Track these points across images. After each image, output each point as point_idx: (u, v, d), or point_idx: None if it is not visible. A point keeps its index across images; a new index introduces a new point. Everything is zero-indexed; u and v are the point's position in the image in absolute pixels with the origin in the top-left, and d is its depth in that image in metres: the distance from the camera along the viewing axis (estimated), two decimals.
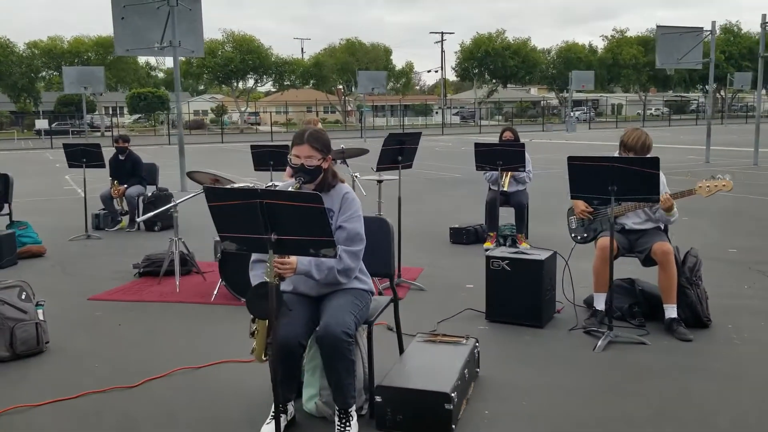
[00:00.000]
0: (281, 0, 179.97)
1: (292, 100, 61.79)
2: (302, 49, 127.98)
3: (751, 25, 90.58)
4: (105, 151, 8.98)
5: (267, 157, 8.33)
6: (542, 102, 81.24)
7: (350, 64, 58.79)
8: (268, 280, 3.28)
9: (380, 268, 3.81)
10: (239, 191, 2.94)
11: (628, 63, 65.59)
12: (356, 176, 5.90)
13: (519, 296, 4.88)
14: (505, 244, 7.92)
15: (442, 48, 61.63)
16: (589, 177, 4.48)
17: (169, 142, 38.26)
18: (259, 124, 64.75)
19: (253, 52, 54.30)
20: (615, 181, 4.39)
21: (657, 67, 21.55)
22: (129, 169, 9.69)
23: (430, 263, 7.08)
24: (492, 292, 4.99)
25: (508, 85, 69.90)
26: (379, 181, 6.10)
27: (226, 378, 4.11)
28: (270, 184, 5.88)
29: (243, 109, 58.41)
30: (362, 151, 6.15)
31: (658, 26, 21.11)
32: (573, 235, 5.35)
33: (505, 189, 7.84)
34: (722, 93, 75.10)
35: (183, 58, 60.22)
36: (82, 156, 8.95)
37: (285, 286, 3.55)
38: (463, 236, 8.23)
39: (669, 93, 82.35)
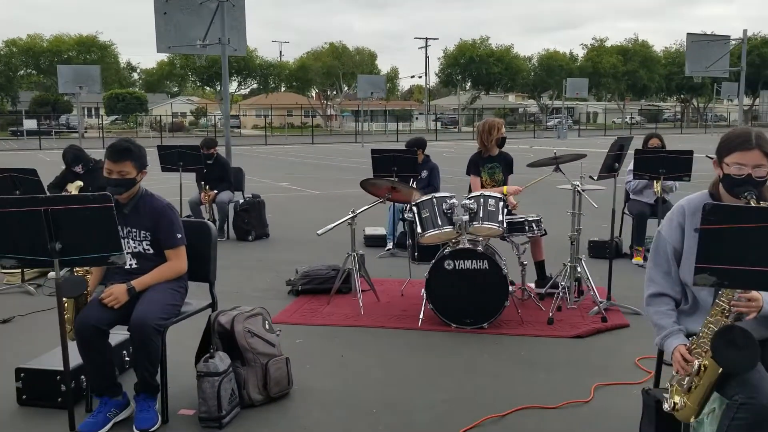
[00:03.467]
0: (249, 2, 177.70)
1: (272, 104, 60.72)
2: (280, 52, 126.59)
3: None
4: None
5: (389, 162, 7.71)
6: (520, 109, 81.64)
7: (335, 68, 58.08)
8: (725, 322, 2.62)
9: None
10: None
11: (608, 72, 66.12)
12: (577, 185, 5.27)
13: None
14: None
15: (426, 54, 61.30)
16: None
17: (162, 143, 36.94)
18: (239, 127, 63.49)
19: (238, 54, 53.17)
20: None
21: (686, 75, 21.46)
22: (218, 174, 8.89)
23: (601, 281, 6.42)
24: None
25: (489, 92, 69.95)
26: (580, 192, 5.49)
27: (541, 428, 3.45)
28: None
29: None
30: (577, 156, 5.52)
31: (688, 34, 20.94)
32: None
33: (660, 196, 7.29)
34: (695, 102, 76.47)
35: (166, 58, 58.86)
36: (178, 159, 8.15)
37: None
38: (605, 250, 7.65)
39: (642, 102, 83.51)
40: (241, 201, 8.91)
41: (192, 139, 47.92)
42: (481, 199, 5.12)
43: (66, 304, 3.40)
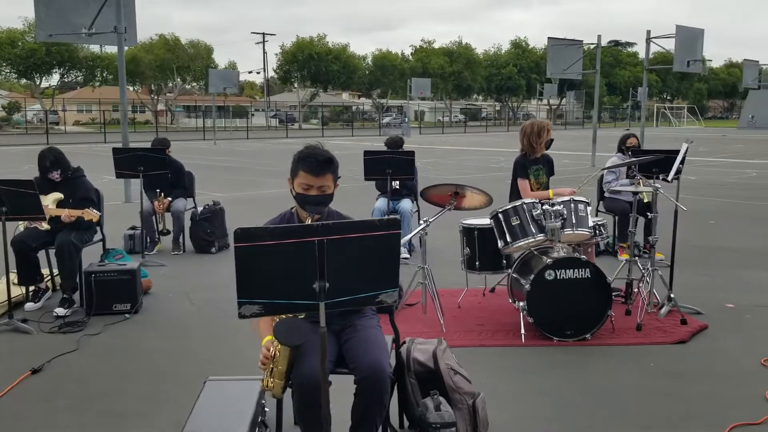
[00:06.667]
0: None
1: (97, 98, 56.22)
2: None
3: (536, 41, 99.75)
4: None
5: (383, 164, 7.30)
6: (354, 107, 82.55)
7: (169, 62, 55.04)
8: None
9: None
10: None
11: (437, 72, 68.75)
12: (659, 188, 5.21)
13: None
14: (641, 255, 7.67)
15: (263, 49, 59.98)
16: None
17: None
18: (58, 123, 58.17)
19: (60, 44, 48.60)
20: None
21: (547, 77, 22.70)
22: (172, 179, 7.90)
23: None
24: None
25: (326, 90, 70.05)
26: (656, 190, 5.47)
27: None
28: None
29: (48, 107, 51.97)
30: (667, 153, 5.48)
31: (549, 38, 22.12)
32: None
33: (646, 200, 7.51)
34: (510, 102, 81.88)
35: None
36: (138, 163, 7.11)
37: None
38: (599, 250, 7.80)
39: (463, 101, 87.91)
40: (200, 209, 8.02)
41: (8, 136, 42.95)
42: (571, 205, 4.92)
43: (277, 354, 2.73)
